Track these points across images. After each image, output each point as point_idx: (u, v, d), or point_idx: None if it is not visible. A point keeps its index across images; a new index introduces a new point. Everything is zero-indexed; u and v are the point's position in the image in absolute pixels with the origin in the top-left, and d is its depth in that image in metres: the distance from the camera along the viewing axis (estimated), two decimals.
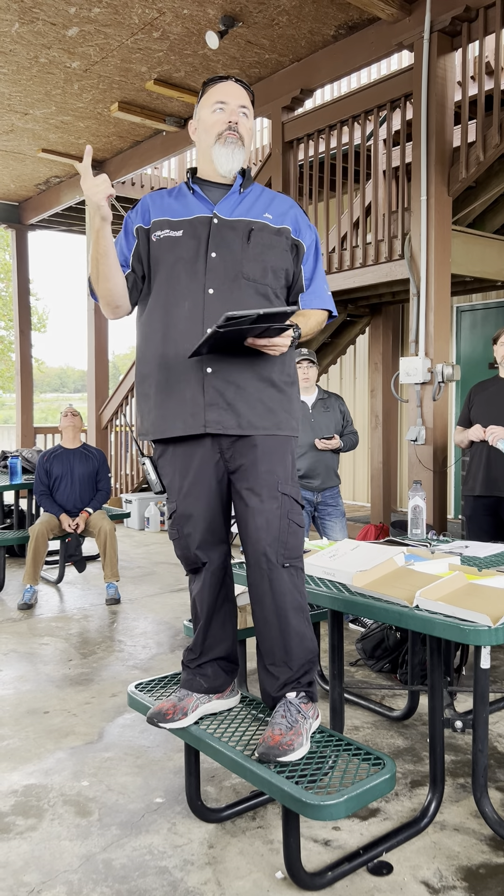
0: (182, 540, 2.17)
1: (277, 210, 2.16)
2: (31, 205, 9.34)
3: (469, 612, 1.97)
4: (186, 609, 4.72)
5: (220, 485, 2.12)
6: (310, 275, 2.22)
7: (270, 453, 2.06)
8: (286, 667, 2.04)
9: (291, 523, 2.06)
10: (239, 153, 2.12)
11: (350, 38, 5.28)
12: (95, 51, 5.49)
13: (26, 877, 2.06)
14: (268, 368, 2.07)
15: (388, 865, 2.09)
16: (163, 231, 2.11)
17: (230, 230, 2.08)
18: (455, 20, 4.60)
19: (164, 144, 7.15)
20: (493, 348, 3.75)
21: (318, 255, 2.24)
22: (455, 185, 4.80)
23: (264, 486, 2.04)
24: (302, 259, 2.19)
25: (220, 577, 2.19)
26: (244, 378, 2.04)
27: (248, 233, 2.08)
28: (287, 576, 2.04)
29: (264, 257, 2.09)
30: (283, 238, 2.13)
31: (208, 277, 2.05)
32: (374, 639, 3.63)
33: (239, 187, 2.15)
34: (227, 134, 2.11)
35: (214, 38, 5.10)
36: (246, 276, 2.06)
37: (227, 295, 2.04)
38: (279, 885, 2.02)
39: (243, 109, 2.14)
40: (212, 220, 2.09)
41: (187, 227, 2.09)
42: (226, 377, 2.03)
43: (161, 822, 2.33)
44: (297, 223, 2.18)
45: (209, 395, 2.03)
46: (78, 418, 5.24)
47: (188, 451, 2.10)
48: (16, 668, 3.69)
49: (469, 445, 3.78)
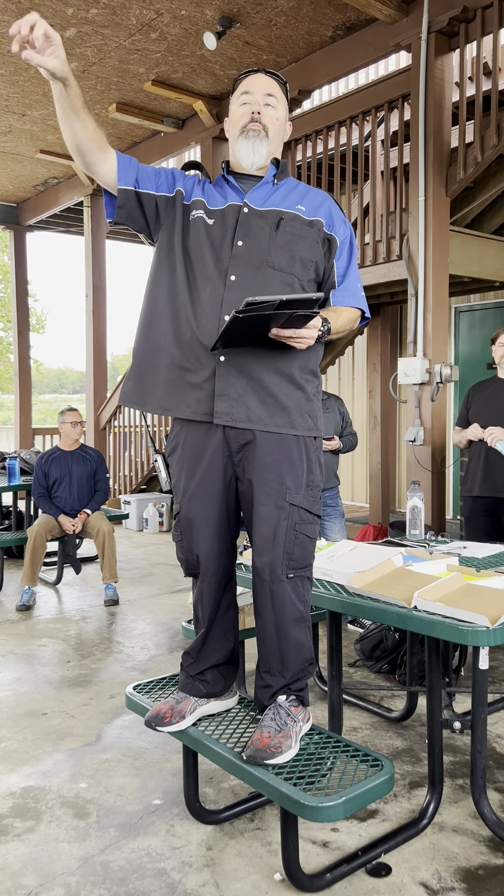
0: (184, 544, 2.11)
1: (312, 203, 2.09)
2: (29, 206, 9.33)
3: (467, 612, 1.97)
4: (185, 610, 4.72)
5: (228, 489, 2.05)
6: (343, 271, 2.12)
7: (279, 458, 1.97)
8: (281, 676, 2.02)
9: (299, 535, 1.98)
10: (261, 146, 2.07)
11: (348, 38, 5.28)
12: (93, 52, 5.49)
13: (24, 879, 2.05)
14: (287, 363, 1.98)
15: (386, 867, 2.09)
16: (198, 212, 2.07)
17: (259, 219, 2.03)
18: (453, 21, 4.61)
19: (162, 145, 7.15)
20: (491, 348, 3.75)
21: (353, 252, 2.14)
22: (453, 186, 4.80)
23: (271, 494, 1.96)
24: (335, 254, 2.10)
25: (222, 583, 2.12)
26: (259, 370, 1.96)
27: (277, 222, 2.02)
28: (290, 587, 1.98)
29: (293, 247, 2.02)
30: (314, 230, 2.06)
31: (232, 264, 1.99)
32: (372, 640, 3.62)
33: (272, 178, 2.09)
34: (249, 127, 2.06)
35: (212, 38, 5.10)
36: (271, 265, 1.99)
37: (250, 282, 1.97)
38: (277, 886, 2.01)
39: (269, 98, 2.08)
40: (241, 209, 2.04)
41: (219, 216, 2.05)
42: (240, 367, 1.95)
43: (159, 823, 2.32)
44: (332, 217, 2.10)
45: (220, 385, 1.95)
46: (81, 426, 5.20)
47: (197, 452, 2.04)
48: (14, 670, 3.68)
49: (467, 446, 3.77)
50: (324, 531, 4.30)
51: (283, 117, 2.13)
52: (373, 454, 7.37)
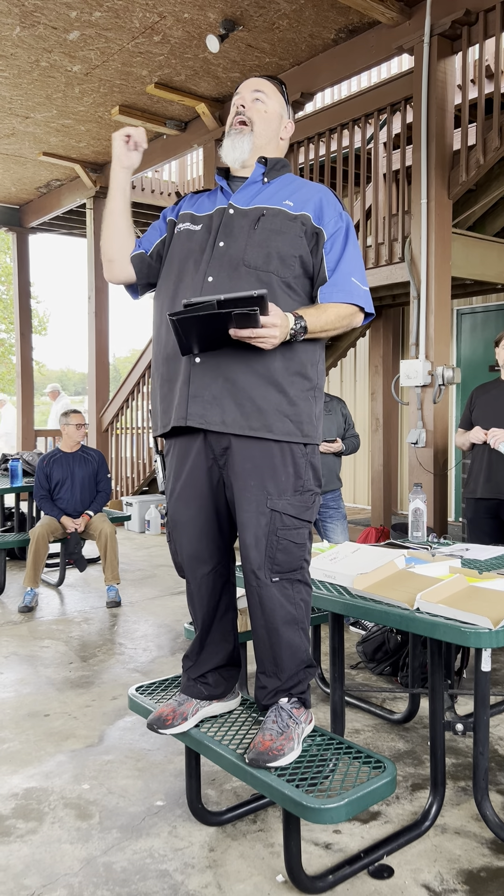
0: (172, 545, 2.10)
1: (302, 197, 2.02)
2: (31, 208, 9.35)
3: (470, 614, 1.97)
4: (187, 612, 4.71)
5: (215, 492, 2.02)
6: (333, 265, 1.99)
7: (260, 464, 1.91)
8: (276, 677, 2.01)
9: (282, 540, 1.93)
10: (242, 141, 2.04)
11: (350, 41, 5.29)
12: (96, 54, 5.50)
13: (27, 880, 2.05)
14: (265, 364, 1.90)
15: (388, 869, 2.09)
16: (184, 224, 2.08)
17: (242, 218, 1.99)
18: (455, 24, 4.61)
19: (165, 148, 7.17)
20: (494, 351, 3.75)
21: (347, 245, 2.01)
22: (455, 189, 4.80)
23: (252, 500, 1.92)
24: (323, 248, 1.99)
25: (217, 585, 2.09)
26: (235, 371, 1.90)
27: (256, 219, 1.97)
28: (277, 590, 1.95)
29: (269, 243, 1.94)
30: (297, 224, 1.97)
31: (210, 266, 1.96)
32: (374, 642, 3.62)
33: (262, 176, 2.06)
34: (233, 125, 2.06)
35: (215, 41, 5.11)
36: (247, 264, 1.93)
37: (226, 283, 1.92)
38: (280, 888, 2.01)
39: (256, 94, 2.06)
40: (226, 210, 2.02)
41: (206, 220, 2.05)
42: (215, 369, 1.90)
43: (162, 825, 2.32)
44: (321, 210, 2.00)
45: (193, 387, 1.92)
46: (84, 428, 5.20)
47: (183, 454, 2.02)
48: (16, 671, 3.68)
49: (470, 448, 3.78)
50: (326, 533, 4.30)
51: (273, 110, 2.10)
52: (375, 456, 7.37)
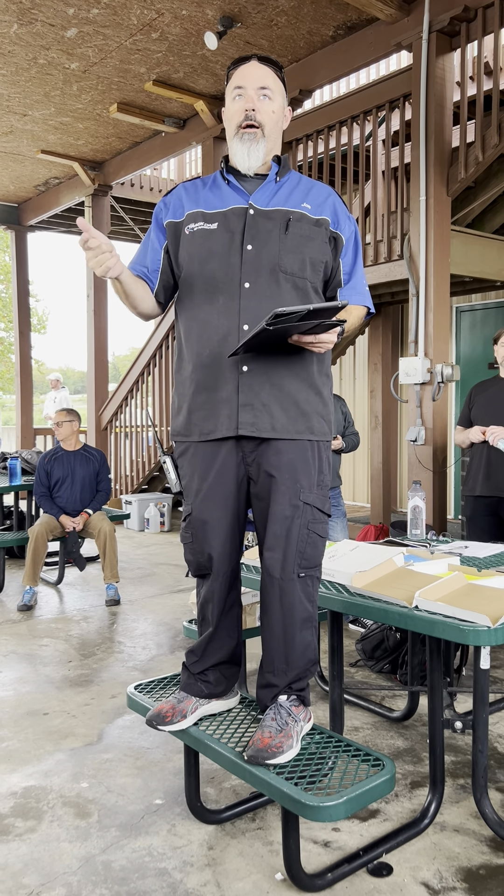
0: (196, 545, 2.08)
1: (316, 200, 2.04)
2: (30, 206, 9.34)
3: (468, 612, 1.97)
4: (186, 610, 4.72)
5: (240, 489, 2.04)
6: (349, 269, 2.09)
7: (295, 459, 1.96)
8: (284, 675, 2.02)
9: (311, 533, 1.98)
10: (257, 149, 2.01)
11: (349, 38, 5.28)
12: (94, 52, 5.49)
13: (25, 879, 2.05)
14: (306, 367, 1.97)
15: (387, 866, 2.09)
16: (196, 224, 2.02)
17: (267, 221, 1.97)
18: (454, 20, 4.61)
19: (164, 145, 7.16)
20: (493, 348, 3.75)
21: (358, 249, 2.10)
22: (454, 186, 4.80)
23: (285, 492, 1.95)
24: (341, 252, 2.06)
25: (231, 583, 2.11)
26: (282, 377, 1.94)
27: (285, 223, 1.97)
28: (300, 586, 1.98)
29: (303, 249, 1.97)
30: (322, 229, 2.01)
31: (244, 271, 1.94)
32: (373, 639, 3.62)
33: (275, 176, 2.04)
34: (244, 127, 1.99)
35: (213, 38, 5.10)
36: (283, 270, 1.95)
37: (265, 289, 1.94)
38: (279, 886, 2.01)
39: (263, 91, 2.00)
40: (247, 211, 1.98)
41: (222, 219, 1.99)
42: (262, 376, 1.93)
43: (161, 823, 2.32)
44: (336, 214, 2.05)
45: (244, 395, 1.93)
46: (76, 423, 5.17)
47: (211, 453, 2.01)
48: (15, 670, 3.68)
49: (469, 445, 3.77)
50: None
51: (279, 108, 2.06)
52: (374, 454, 7.36)
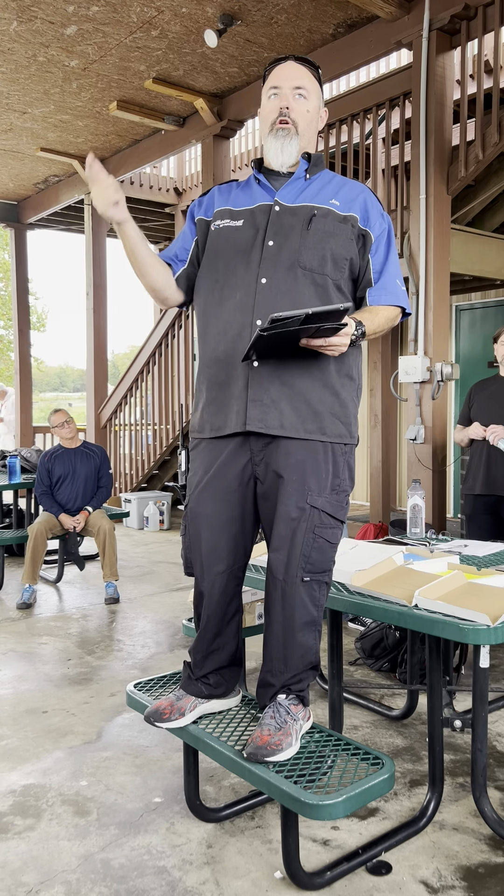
0: (186, 539, 2.06)
1: (346, 196, 2.01)
2: (29, 204, 9.33)
3: (468, 611, 1.97)
4: (186, 608, 4.72)
5: (245, 488, 2.00)
6: (379, 267, 2.02)
7: (304, 460, 1.92)
8: (281, 675, 2.00)
9: (318, 538, 1.93)
10: (290, 145, 2.00)
11: (349, 36, 5.27)
12: (94, 49, 5.48)
13: (24, 877, 2.05)
14: (322, 367, 1.93)
15: (387, 865, 2.09)
16: (223, 221, 2.03)
17: (291, 216, 1.96)
18: (454, 18, 4.60)
19: (163, 143, 7.14)
20: (493, 347, 3.75)
21: (391, 247, 2.04)
22: (454, 184, 4.79)
23: (292, 494, 1.91)
24: (370, 250, 2.01)
25: (230, 586, 2.06)
26: (293, 375, 1.91)
27: (308, 219, 1.94)
28: (304, 589, 1.93)
29: (324, 245, 1.94)
30: (348, 226, 1.98)
31: (262, 266, 1.93)
32: (373, 638, 3.62)
33: (304, 173, 2.03)
34: (277, 124, 1.99)
35: (213, 36, 5.09)
36: (303, 265, 1.92)
37: (281, 285, 1.91)
38: (278, 884, 2.01)
39: (299, 91, 2.01)
40: (272, 208, 1.98)
41: (248, 216, 2.00)
42: (272, 372, 1.91)
43: (160, 821, 2.32)
44: (367, 211, 2.01)
45: (253, 391, 1.91)
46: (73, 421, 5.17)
47: (218, 447, 2.00)
48: (14, 668, 3.68)
49: (469, 444, 3.78)
50: None
51: (314, 107, 2.06)
52: (373, 453, 7.36)
